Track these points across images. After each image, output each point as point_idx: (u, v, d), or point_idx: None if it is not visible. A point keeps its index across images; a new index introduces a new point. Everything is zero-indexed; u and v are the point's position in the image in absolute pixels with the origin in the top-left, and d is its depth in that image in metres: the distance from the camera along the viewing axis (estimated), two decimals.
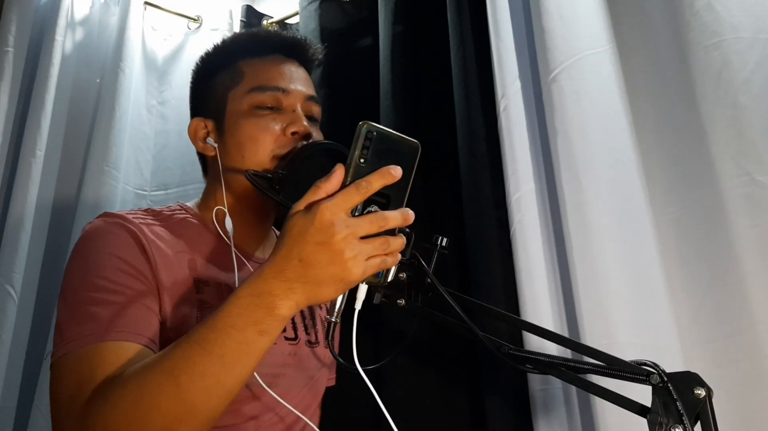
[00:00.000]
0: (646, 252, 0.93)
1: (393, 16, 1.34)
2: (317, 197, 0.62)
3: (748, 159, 0.88)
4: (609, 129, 0.98)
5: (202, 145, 0.97)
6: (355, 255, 0.60)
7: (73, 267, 0.83)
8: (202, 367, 0.63)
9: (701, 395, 0.60)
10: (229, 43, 1.02)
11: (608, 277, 0.92)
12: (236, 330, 0.63)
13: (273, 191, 0.83)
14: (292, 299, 0.62)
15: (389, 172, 0.62)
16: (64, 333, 0.75)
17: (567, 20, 1.01)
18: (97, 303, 0.76)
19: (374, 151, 0.63)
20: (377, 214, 0.62)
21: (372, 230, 0.61)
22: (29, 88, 1.50)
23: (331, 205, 0.60)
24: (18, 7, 1.48)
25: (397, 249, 0.64)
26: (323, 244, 0.60)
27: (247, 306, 0.63)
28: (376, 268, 0.63)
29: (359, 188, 0.61)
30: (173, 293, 0.83)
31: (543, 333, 0.75)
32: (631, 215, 0.94)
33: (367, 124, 0.63)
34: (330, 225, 0.59)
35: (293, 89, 0.94)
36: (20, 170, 1.43)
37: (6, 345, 1.33)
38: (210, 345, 0.63)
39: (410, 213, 0.63)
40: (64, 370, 0.73)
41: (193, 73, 1.03)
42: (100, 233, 0.84)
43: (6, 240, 1.39)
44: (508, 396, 1.02)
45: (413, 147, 0.65)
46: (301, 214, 0.62)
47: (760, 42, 0.90)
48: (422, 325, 0.80)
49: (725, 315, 0.89)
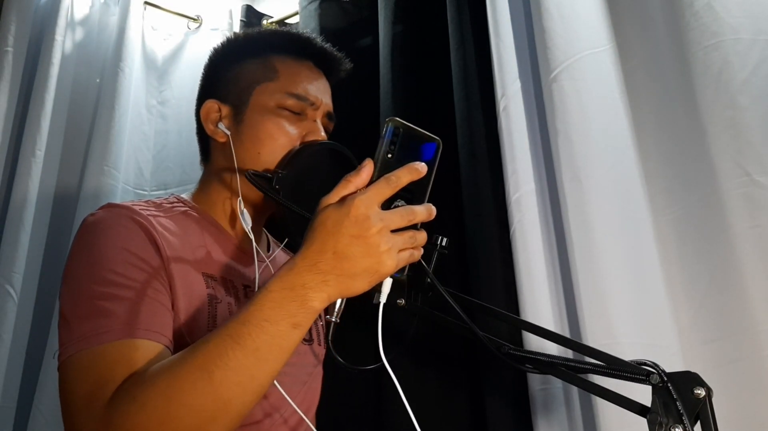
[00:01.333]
0: (646, 252, 0.93)
1: (393, 16, 1.34)
2: (348, 191, 0.63)
3: (748, 159, 0.88)
4: (609, 129, 0.98)
5: (212, 128, 0.94)
6: (389, 248, 0.61)
7: (79, 260, 0.79)
8: (236, 362, 0.62)
9: (701, 395, 0.60)
10: (265, 36, 1.01)
11: (608, 277, 0.92)
12: (270, 323, 0.62)
13: (273, 191, 0.83)
14: (325, 291, 0.62)
15: (416, 168, 0.63)
16: (75, 330, 0.72)
17: (567, 20, 1.01)
18: (110, 298, 0.73)
19: (400, 147, 0.65)
20: (406, 208, 0.63)
21: (402, 224, 0.63)
22: (29, 88, 1.50)
23: (365, 198, 0.61)
24: (18, 6, 1.48)
25: (422, 243, 0.65)
26: (359, 237, 0.60)
27: (280, 300, 0.63)
28: (405, 261, 0.65)
29: (389, 182, 0.62)
30: (185, 288, 0.81)
31: (543, 333, 0.75)
32: (631, 215, 0.95)
33: (393, 121, 0.65)
34: (365, 218, 0.60)
35: (321, 103, 0.95)
36: (20, 170, 1.43)
37: (6, 344, 1.33)
38: (243, 339, 0.62)
39: (433, 208, 0.65)
40: (78, 368, 0.70)
41: (216, 54, 1.00)
42: (108, 224, 0.80)
43: (6, 240, 1.39)
44: (508, 396, 1.02)
45: (436, 143, 0.67)
46: (333, 206, 0.62)
47: (759, 43, 0.90)
48: (422, 325, 0.80)
49: (725, 315, 0.89)
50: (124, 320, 0.72)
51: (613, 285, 0.91)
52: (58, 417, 1.32)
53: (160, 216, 0.85)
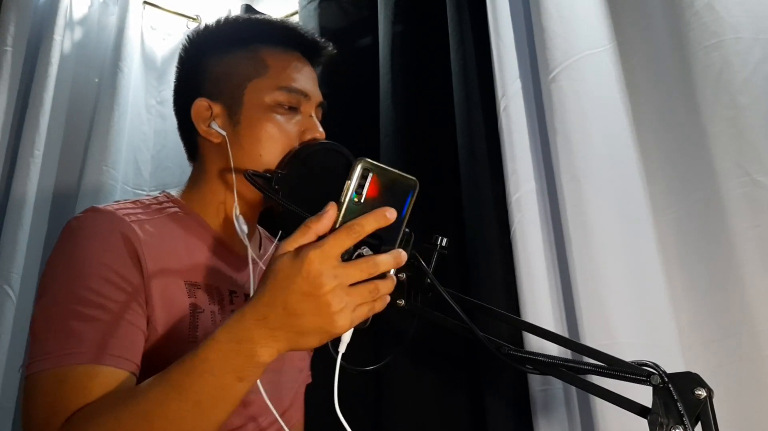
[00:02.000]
0: (646, 252, 0.93)
1: (393, 16, 1.34)
2: (307, 239, 0.58)
3: (748, 159, 0.88)
4: (609, 129, 0.98)
5: (205, 128, 0.89)
6: (342, 308, 0.57)
7: (56, 270, 0.77)
8: (177, 413, 0.61)
9: (702, 395, 0.60)
10: (246, 23, 0.95)
11: (608, 277, 0.92)
12: (214, 376, 0.60)
13: (273, 191, 0.83)
14: (274, 347, 0.59)
15: (384, 215, 0.58)
16: (42, 346, 0.71)
17: (567, 20, 1.01)
18: (81, 318, 0.71)
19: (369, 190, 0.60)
20: (368, 260, 0.58)
21: (362, 277, 0.57)
22: (28, 88, 1.49)
23: (320, 253, 0.56)
24: (16, 6, 1.48)
25: (386, 293, 0.60)
26: (309, 295, 0.56)
27: (226, 353, 0.60)
28: (363, 317, 0.59)
29: (351, 232, 0.57)
30: (165, 300, 0.79)
31: (543, 333, 0.75)
32: (631, 215, 0.94)
33: (363, 161, 0.59)
34: (318, 275, 0.56)
35: (312, 95, 0.92)
36: (18, 169, 1.43)
37: (4, 345, 1.32)
38: (185, 390, 0.61)
39: (403, 255, 0.60)
40: (38, 389, 0.69)
41: (193, 45, 0.95)
42: (89, 234, 0.78)
43: (4, 240, 1.38)
44: (508, 397, 1.02)
45: (411, 185, 0.61)
46: (288, 257, 0.57)
47: (760, 42, 0.90)
48: (422, 325, 0.80)
49: (725, 315, 0.89)
50: (92, 343, 0.70)
51: (613, 285, 0.91)
52: None
53: (145, 220, 0.83)
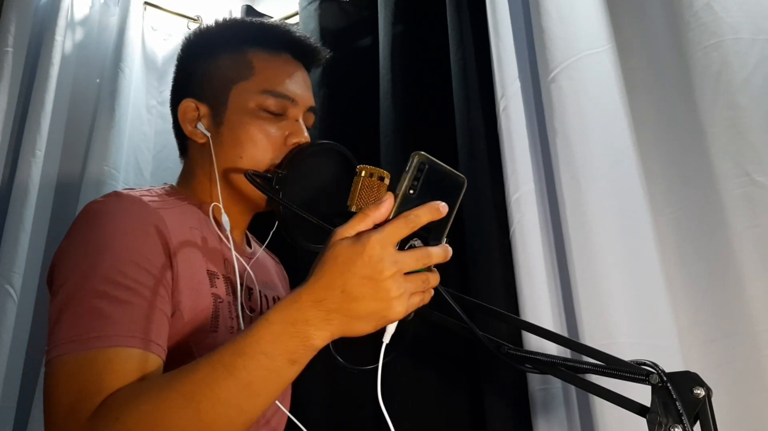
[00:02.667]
0: (646, 252, 0.93)
1: (393, 16, 1.34)
2: (364, 226, 0.59)
3: (747, 159, 0.89)
4: (608, 129, 0.98)
5: (191, 129, 0.90)
6: (401, 294, 0.58)
7: (79, 249, 0.73)
8: (226, 394, 0.59)
9: (700, 395, 0.60)
10: (235, 25, 0.95)
11: (608, 277, 0.92)
12: (267, 357, 0.59)
13: (273, 191, 0.83)
14: (328, 330, 0.59)
15: (437, 208, 0.59)
16: (68, 330, 0.67)
17: (566, 20, 1.01)
18: (109, 299, 0.68)
19: (424, 183, 0.61)
20: (423, 250, 0.60)
21: (417, 267, 0.59)
22: (29, 88, 1.50)
23: (381, 238, 0.57)
24: (18, 7, 1.48)
25: (434, 285, 0.62)
26: (370, 279, 0.57)
27: (280, 334, 0.59)
28: (415, 306, 0.61)
29: (408, 221, 0.58)
30: (191, 285, 0.78)
31: (542, 332, 0.75)
32: (631, 215, 0.95)
33: (419, 155, 0.61)
34: (379, 260, 0.57)
35: (300, 99, 0.91)
36: (20, 170, 1.43)
37: (6, 344, 1.33)
38: (237, 371, 0.59)
39: (450, 250, 0.61)
40: (63, 373, 0.65)
41: (187, 47, 0.95)
42: (115, 215, 0.75)
43: (5, 240, 1.39)
44: (507, 396, 1.02)
45: (460, 182, 0.63)
46: (348, 242, 0.58)
47: (759, 43, 0.90)
48: (422, 325, 0.80)
49: (724, 314, 0.89)
50: (121, 326, 0.68)
51: (613, 284, 0.92)
52: None
53: (164, 208, 0.81)
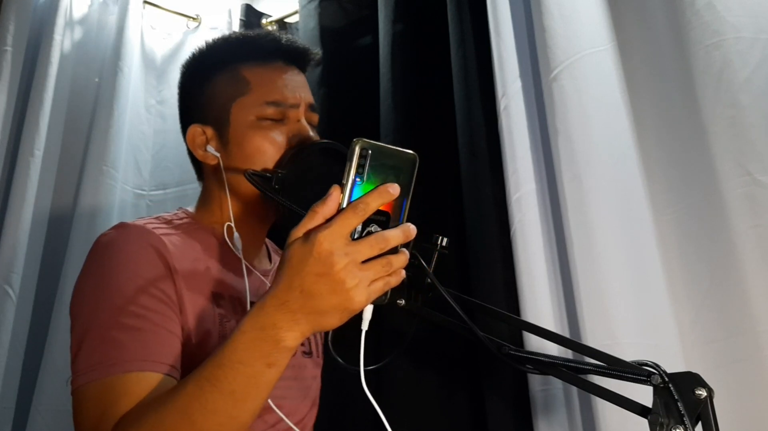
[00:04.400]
0: (647, 252, 0.93)
1: (393, 15, 1.34)
2: (315, 223, 0.59)
3: (749, 158, 0.88)
4: (610, 128, 0.98)
5: (202, 153, 0.94)
6: (356, 283, 0.58)
7: (91, 284, 0.80)
8: (213, 405, 0.63)
9: (702, 395, 0.60)
10: (225, 45, 0.98)
11: (609, 277, 0.92)
12: (244, 365, 0.62)
13: (273, 191, 0.83)
14: (297, 330, 0.61)
15: (387, 191, 0.59)
16: (88, 360, 0.74)
17: (568, 19, 1.01)
18: (123, 328, 0.75)
19: (370, 168, 0.60)
20: (377, 235, 0.59)
21: (373, 253, 0.59)
22: (28, 88, 1.49)
23: (329, 234, 0.57)
24: (16, 6, 1.48)
25: (399, 267, 0.61)
26: (323, 275, 0.58)
27: (253, 341, 0.62)
28: (379, 292, 0.61)
29: (356, 210, 0.58)
30: (195, 308, 0.82)
31: (543, 333, 0.75)
32: (632, 214, 0.94)
33: (360, 141, 0.60)
34: (329, 255, 0.57)
35: (298, 101, 0.93)
36: (18, 169, 1.43)
37: (4, 345, 1.32)
38: (219, 382, 0.63)
39: (412, 228, 0.61)
40: (87, 399, 0.73)
41: (184, 75, 0.99)
42: (121, 247, 0.81)
43: (4, 240, 1.38)
44: (508, 397, 1.02)
45: (410, 159, 0.61)
46: (299, 242, 0.59)
47: (761, 41, 0.90)
48: (422, 325, 0.80)
49: (726, 315, 0.89)
50: (133, 352, 0.73)
51: (614, 285, 0.91)
52: (57, 418, 1.33)
53: (171, 234, 0.86)
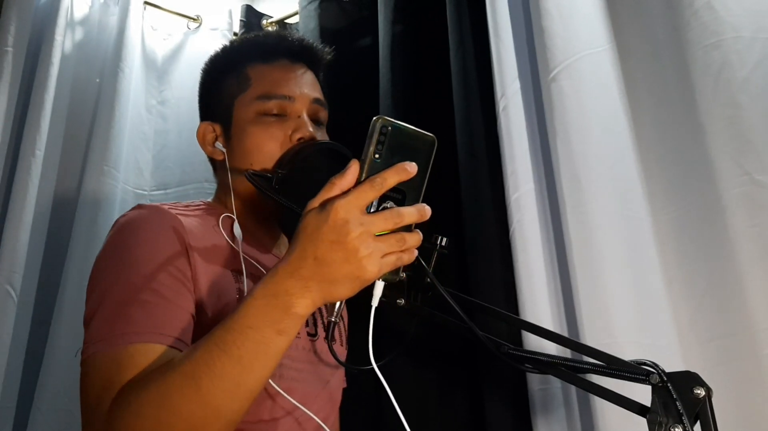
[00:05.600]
0: (646, 252, 0.93)
1: (393, 16, 1.34)
2: (332, 194, 0.61)
3: (747, 158, 0.88)
4: (608, 128, 0.98)
5: (210, 149, 0.97)
6: (369, 253, 0.59)
7: (107, 260, 0.81)
8: (221, 369, 0.63)
9: (701, 394, 0.60)
10: (237, 47, 1.02)
11: (607, 277, 0.92)
12: (253, 330, 0.62)
13: (273, 191, 0.83)
14: (308, 298, 0.61)
15: (404, 168, 0.60)
16: (97, 331, 0.75)
17: (566, 20, 1.01)
18: (132, 302, 0.75)
19: (389, 146, 0.61)
20: (392, 210, 0.61)
21: (387, 227, 0.60)
22: (29, 88, 1.49)
23: (345, 203, 0.59)
24: (17, 6, 1.48)
25: (413, 245, 0.62)
26: (337, 243, 0.59)
27: (263, 307, 0.62)
28: (391, 266, 0.62)
29: (374, 185, 0.59)
30: (212, 283, 0.82)
31: (542, 332, 0.75)
32: (630, 214, 0.95)
33: (381, 119, 0.61)
34: (344, 223, 0.58)
35: (299, 95, 0.94)
36: (20, 169, 1.43)
37: (6, 345, 1.32)
38: (228, 346, 0.63)
39: (427, 208, 0.62)
40: (94, 369, 0.73)
41: (202, 76, 1.04)
42: (137, 225, 0.83)
43: (6, 240, 1.38)
44: (507, 396, 1.02)
45: (429, 141, 0.63)
46: (315, 211, 0.61)
47: (759, 41, 0.90)
48: (422, 325, 0.80)
49: (724, 314, 0.89)
50: (144, 324, 0.74)
51: (613, 284, 0.91)
52: (58, 417, 1.34)
53: (188, 215, 0.87)
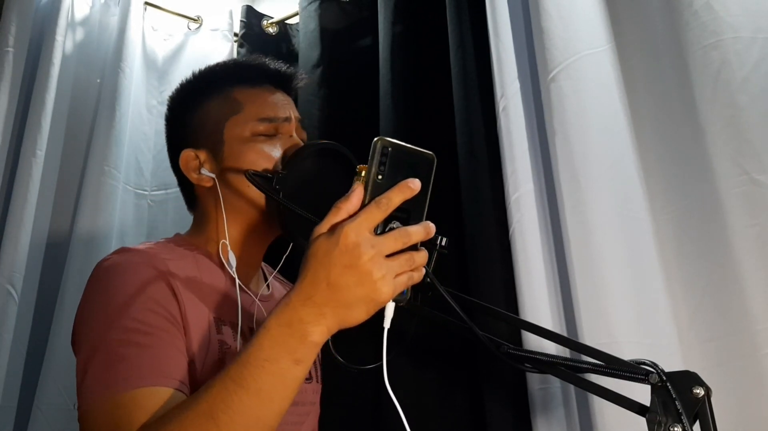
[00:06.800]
0: (645, 252, 0.93)
1: (393, 16, 1.34)
2: (339, 218, 0.61)
3: (747, 158, 0.88)
4: (608, 128, 0.98)
5: (196, 176, 0.94)
6: (383, 275, 0.59)
7: (94, 305, 0.80)
8: (240, 405, 0.62)
9: (700, 394, 0.60)
10: (216, 72, 1.00)
11: (607, 276, 0.92)
12: (270, 362, 0.62)
13: (273, 191, 0.83)
14: (323, 324, 0.61)
15: (408, 186, 0.61)
16: (93, 379, 0.73)
17: (566, 20, 1.01)
18: (129, 345, 0.74)
19: (391, 166, 0.62)
20: (401, 230, 0.61)
21: (397, 247, 0.60)
22: (29, 88, 1.50)
23: (355, 226, 0.59)
24: (18, 7, 1.48)
25: (421, 264, 0.63)
26: (350, 266, 0.59)
27: (278, 337, 0.62)
28: (404, 285, 0.62)
29: (380, 205, 0.60)
30: (197, 333, 0.81)
31: (542, 332, 0.75)
32: (630, 214, 0.95)
33: (381, 140, 0.62)
34: (355, 246, 0.58)
35: (291, 116, 0.95)
36: (21, 170, 1.43)
37: (6, 344, 1.33)
38: (246, 381, 0.62)
39: (432, 226, 0.63)
40: (96, 418, 0.71)
41: (172, 104, 1.01)
42: (124, 269, 0.81)
43: (6, 240, 1.38)
44: (507, 396, 1.02)
45: (429, 159, 0.64)
46: (324, 236, 0.60)
47: (758, 41, 0.90)
48: (422, 325, 0.80)
49: (724, 314, 0.89)
50: (142, 368, 0.73)
51: (612, 284, 0.92)
52: (59, 417, 1.34)
53: (171, 259, 0.86)
